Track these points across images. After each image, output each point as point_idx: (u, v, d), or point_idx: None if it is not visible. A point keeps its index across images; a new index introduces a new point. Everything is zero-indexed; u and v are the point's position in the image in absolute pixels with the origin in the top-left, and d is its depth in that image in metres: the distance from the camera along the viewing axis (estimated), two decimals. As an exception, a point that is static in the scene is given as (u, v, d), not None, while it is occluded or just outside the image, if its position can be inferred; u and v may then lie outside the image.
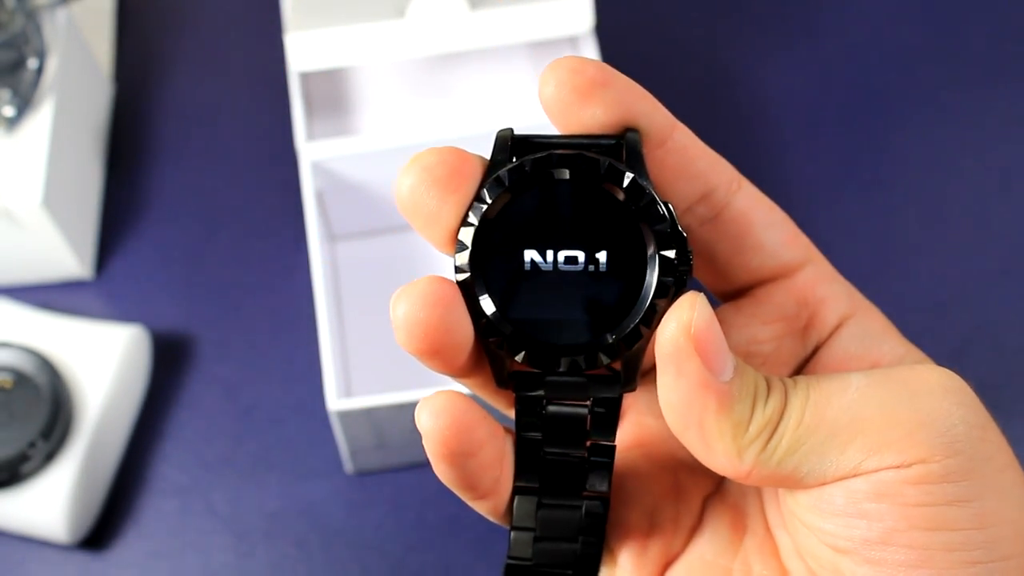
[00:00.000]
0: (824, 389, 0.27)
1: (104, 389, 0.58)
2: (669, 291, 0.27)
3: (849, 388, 0.27)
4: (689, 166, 0.29)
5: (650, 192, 0.27)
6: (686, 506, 0.31)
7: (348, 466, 0.60)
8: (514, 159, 0.27)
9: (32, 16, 0.61)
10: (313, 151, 0.60)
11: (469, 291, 0.27)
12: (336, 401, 0.54)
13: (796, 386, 0.27)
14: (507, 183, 0.27)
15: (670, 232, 0.27)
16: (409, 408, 0.52)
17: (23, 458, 0.55)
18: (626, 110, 0.27)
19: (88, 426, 0.57)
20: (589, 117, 0.27)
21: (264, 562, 0.58)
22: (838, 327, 0.31)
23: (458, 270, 0.27)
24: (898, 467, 0.26)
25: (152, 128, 0.70)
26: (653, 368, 0.27)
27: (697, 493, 0.31)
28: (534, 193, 0.27)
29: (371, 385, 0.60)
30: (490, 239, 0.27)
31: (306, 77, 0.64)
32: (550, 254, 0.27)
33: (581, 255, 0.27)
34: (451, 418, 0.27)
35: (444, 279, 0.27)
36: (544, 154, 0.27)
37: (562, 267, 0.27)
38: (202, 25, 0.74)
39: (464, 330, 0.27)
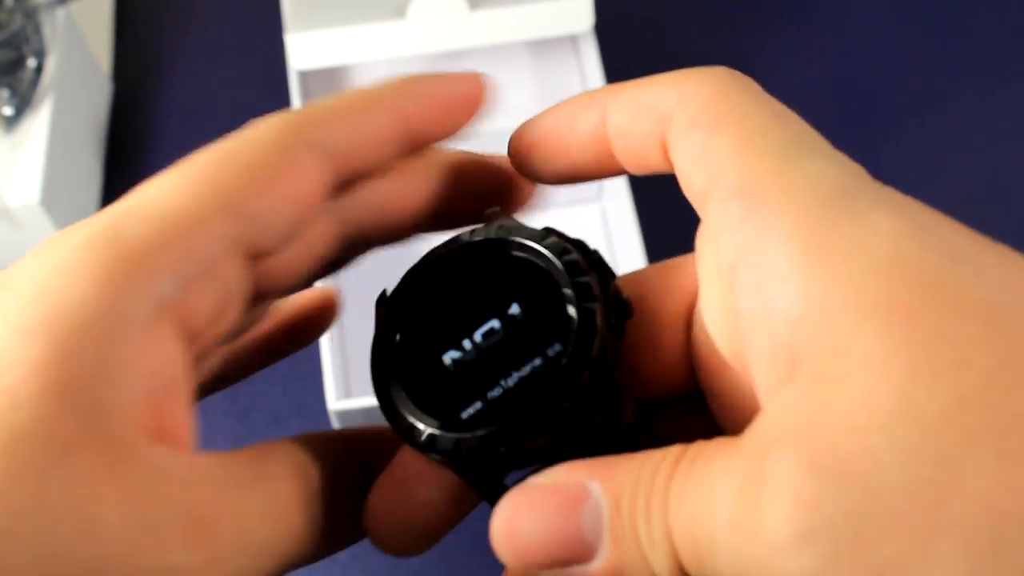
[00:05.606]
0: None
1: (103, 389, 0.57)
2: (595, 315, 0.24)
3: None
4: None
5: (524, 226, 0.25)
6: None
7: (348, 466, 0.60)
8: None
9: (31, 15, 0.61)
10: (313, 150, 0.60)
11: (407, 433, 0.25)
12: (336, 401, 0.53)
13: None
14: (380, 320, 0.26)
15: (575, 261, 0.24)
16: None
17: (22, 458, 0.55)
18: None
19: (87, 426, 0.56)
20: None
21: (263, 562, 0.58)
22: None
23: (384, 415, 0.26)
24: None
25: (151, 127, 0.70)
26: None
27: None
28: (414, 309, 0.26)
29: (371, 385, 0.59)
30: (397, 372, 0.26)
31: (306, 76, 0.64)
32: (467, 343, 0.25)
33: (496, 323, 0.25)
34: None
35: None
36: (399, 281, 0.26)
37: (485, 344, 0.25)
38: (202, 24, 0.74)
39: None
